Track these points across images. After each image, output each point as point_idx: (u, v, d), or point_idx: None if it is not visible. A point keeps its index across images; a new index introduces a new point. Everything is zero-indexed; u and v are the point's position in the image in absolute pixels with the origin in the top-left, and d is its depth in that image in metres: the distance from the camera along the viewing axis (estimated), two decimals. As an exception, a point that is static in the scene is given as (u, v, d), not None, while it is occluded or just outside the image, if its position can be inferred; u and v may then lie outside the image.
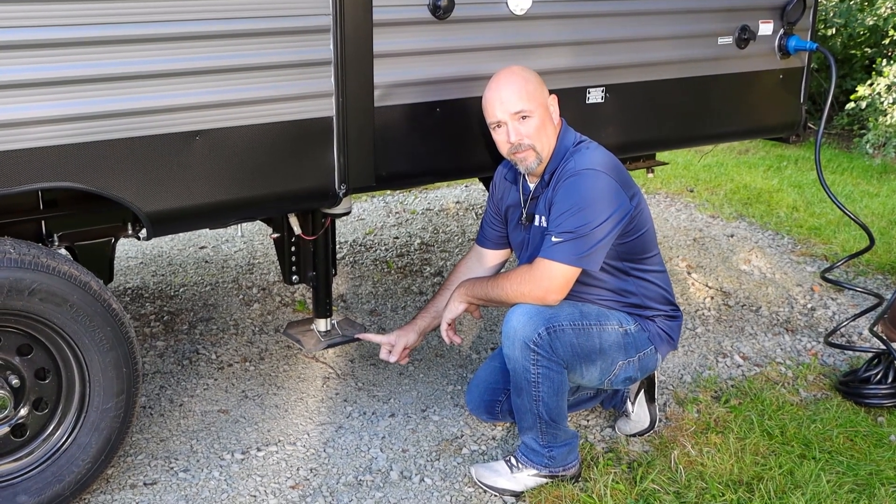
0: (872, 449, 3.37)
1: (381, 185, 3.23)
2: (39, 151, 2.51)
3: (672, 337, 3.20)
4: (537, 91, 3.02)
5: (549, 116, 3.05)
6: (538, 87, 3.03)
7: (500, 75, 3.05)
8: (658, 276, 3.18)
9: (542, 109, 3.02)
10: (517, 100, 2.99)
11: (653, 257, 3.17)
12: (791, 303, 4.77)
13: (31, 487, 2.80)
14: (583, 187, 2.93)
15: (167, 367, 3.92)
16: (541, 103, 3.02)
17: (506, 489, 3.08)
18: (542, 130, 3.02)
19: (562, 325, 2.94)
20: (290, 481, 3.14)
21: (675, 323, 3.22)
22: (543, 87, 3.06)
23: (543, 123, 3.02)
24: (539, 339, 2.91)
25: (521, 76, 3.02)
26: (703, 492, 3.08)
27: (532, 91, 3.00)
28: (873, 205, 6.47)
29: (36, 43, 2.44)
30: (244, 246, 5.45)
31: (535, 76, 3.05)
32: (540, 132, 3.02)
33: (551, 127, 3.06)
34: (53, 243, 3.02)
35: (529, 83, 3.01)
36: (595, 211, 2.90)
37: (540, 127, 3.01)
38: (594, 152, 3.03)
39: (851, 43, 8.98)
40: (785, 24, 4.02)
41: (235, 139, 2.82)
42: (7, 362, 2.78)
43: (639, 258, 3.11)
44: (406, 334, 3.35)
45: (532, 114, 3.00)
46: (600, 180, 2.94)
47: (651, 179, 6.86)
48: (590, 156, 3.00)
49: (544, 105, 3.04)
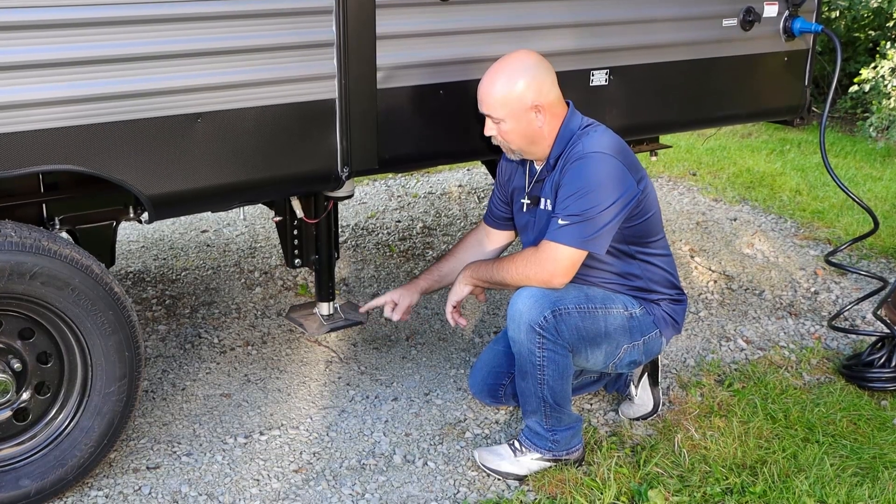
0: (876, 432, 3.37)
1: (383, 168, 3.22)
2: (40, 134, 2.50)
3: (677, 321, 3.20)
4: (515, 99, 2.92)
5: (532, 122, 2.96)
6: (519, 94, 2.92)
7: (492, 68, 2.98)
8: (663, 260, 3.16)
9: (516, 118, 2.94)
10: (487, 104, 2.97)
11: (659, 241, 3.15)
12: (794, 286, 4.76)
13: (33, 471, 2.80)
14: (590, 170, 2.91)
15: (169, 350, 3.91)
16: (514, 112, 2.93)
17: (509, 473, 3.08)
18: (514, 135, 2.97)
19: (567, 309, 2.93)
20: (294, 465, 3.14)
21: (680, 307, 3.21)
22: (531, 89, 2.92)
23: (518, 129, 2.96)
24: (545, 322, 2.90)
25: (504, 80, 2.93)
26: (706, 475, 3.08)
27: (504, 99, 2.92)
28: (877, 188, 6.45)
29: (36, 24, 2.42)
30: (246, 229, 5.43)
31: (519, 81, 2.92)
32: (511, 136, 2.98)
33: (533, 130, 2.97)
34: (55, 227, 3.01)
35: (507, 89, 2.91)
36: (601, 194, 2.88)
37: (510, 132, 2.97)
38: (602, 135, 3.00)
39: (855, 25, 8.94)
40: (790, 6, 3.99)
41: (238, 121, 2.80)
42: (9, 346, 2.77)
43: (645, 241, 3.10)
44: (410, 293, 3.34)
45: (501, 120, 2.96)
46: (607, 163, 2.92)
47: (654, 163, 6.84)
48: (597, 139, 2.97)
49: (522, 111, 2.93)
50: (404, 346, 4.04)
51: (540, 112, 2.96)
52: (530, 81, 2.94)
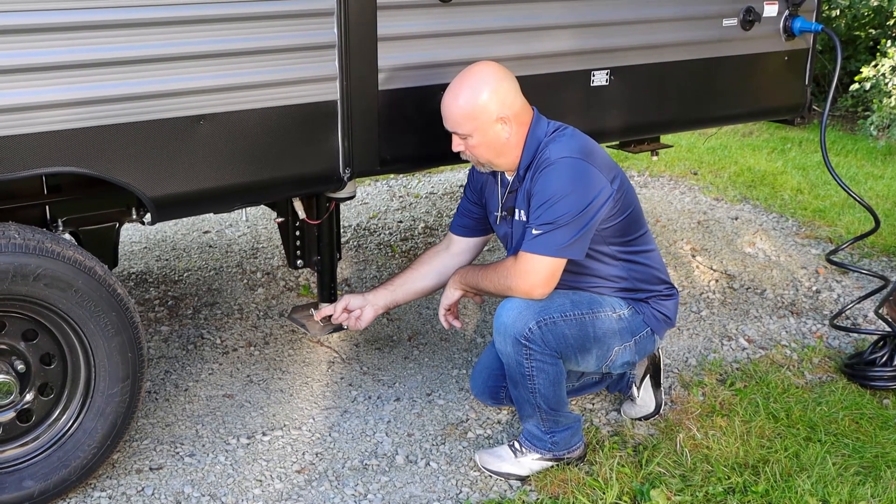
0: (878, 431, 3.38)
1: (385, 169, 3.23)
2: (43, 136, 2.51)
3: (668, 316, 3.18)
4: (480, 113, 2.89)
5: (499, 134, 2.94)
6: (484, 107, 2.89)
7: (452, 85, 2.95)
8: (648, 257, 3.14)
9: (482, 132, 2.92)
10: (453, 121, 2.95)
11: (641, 237, 3.12)
12: (796, 285, 4.76)
13: (37, 472, 2.80)
14: (559, 177, 2.87)
15: (172, 351, 3.92)
16: (480, 126, 2.91)
17: (511, 473, 3.08)
18: (483, 149, 2.96)
19: (553, 318, 2.93)
20: (296, 466, 3.14)
21: (671, 301, 3.19)
22: (495, 101, 2.90)
23: (486, 142, 2.94)
24: (530, 333, 2.90)
25: (467, 95, 2.90)
26: (708, 475, 3.08)
27: (469, 114, 2.90)
28: (878, 187, 6.45)
29: (39, 27, 2.43)
30: (248, 230, 5.44)
31: (482, 94, 2.89)
32: (480, 150, 2.96)
33: (501, 142, 2.95)
34: (58, 228, 3.01)
35: (471, 104, 2.89)
36: (573, 200, 2.85)
37: (479, 146, 2.95)
38: (569, 139, 2.95)
39: (856, 24, 8.94)
40: (790, 6, 4.00)
41: (240, 123, 2.81)
42: (12, 347, 2.78)
43: (626, 240, 3.07)
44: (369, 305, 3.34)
45: (468, 135, 2.94)
46: (576, 167, 2.88)
47: (655, 162, 6.84)
48: (564, 143, 2.93)
49: (489, 124, 2.91)
50: (406, 346, 4.04)
51: (506, 123, 2.93)
52: (493, 93, 2.90)
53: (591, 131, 3.09)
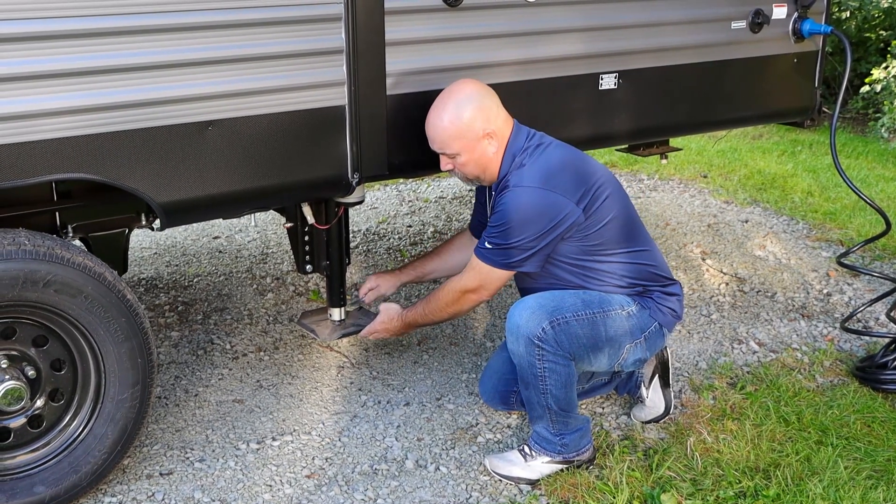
0: (890, 435, 3.36)
1: (393, 174, 3.23)
2: (53, 143, 2.52)
3: (674, 309, 3.18)
4: (466, 131, 2.96)
5: (486, 150, 3.01)
6: (469, 125, 2.96)
7: (435, 106, 3.01)
8: (642, 255, 3.14)
9: (470, 149, 3.00)
10: (439, 141, 3.02)
11: (633, 237, 3.13)
12: (807, 288, 4.74)
13: (47, 478, 2.81)
14: (516, 206, 2.95)
15: (182, 357, 3.93)
16: (467, 144, 2.99)
17: (521, 478, 3.08)
18: (471, 166, 3.04)
19: (565, 318, 2.94)
20: (306, 470, 3.14)
21: (674, 296, 3.20)
22: (479, 118, 2.97)
23: (474, 159, 3.03)
24: (543, 333, 2.91)
25: (451, 115, 2.96)
26: (719, 479, 3.07)
27: (455, 133, 2.97)
28: (889, 189, 6.43)
29: (49, 34, 2.44)
30: (258, 236, 5.45)
31: (465, 112, 2.95)
32: (468, 167, 3.05)
33: (487, 158, 3.03)
34: (68, 234, 3.03)
35: (456, 124, 2.95)
36: (524, 229, 2.94)
37: (467, 164, 3.04)
38: (535, 162, 3.00)
39: (866, 26, 8.91)
40: (799, 8, 3.99)
41: (248, 129, 2.81)
42: (23, 353, 2.79)
43: (606, 250, 3.08)
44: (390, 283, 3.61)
45: (456, 154, 3.02)
46: (532, 198, 2.94)
47: (664, 165, 6.80)
48: (528, 169, 2.98)
49: (475, 141, 2.99)
50: (416, 350, 4.04)
51: (492, 138, 3.01)
52: (477, 110, 2.97)
53: (599, 135, 3.09)
